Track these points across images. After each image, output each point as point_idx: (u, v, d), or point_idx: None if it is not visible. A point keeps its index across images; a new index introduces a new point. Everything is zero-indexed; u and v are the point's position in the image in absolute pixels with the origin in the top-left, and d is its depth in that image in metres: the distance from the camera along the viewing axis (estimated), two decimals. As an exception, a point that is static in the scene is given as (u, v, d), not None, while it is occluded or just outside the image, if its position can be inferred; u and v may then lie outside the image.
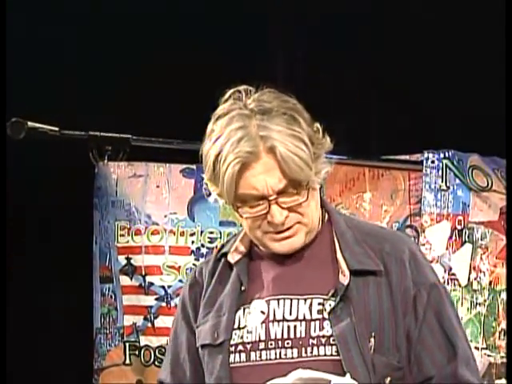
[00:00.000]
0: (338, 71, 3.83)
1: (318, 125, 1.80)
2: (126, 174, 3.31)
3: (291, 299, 1.79)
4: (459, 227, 3.23)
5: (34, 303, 5.08)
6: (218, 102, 1.82)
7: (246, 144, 1.72)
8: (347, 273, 1.77)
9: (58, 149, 3.69)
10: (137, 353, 3.30)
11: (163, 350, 3.25)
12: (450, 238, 3.22)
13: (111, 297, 3.31)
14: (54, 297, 5.13)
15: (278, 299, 1.79)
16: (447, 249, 3.20)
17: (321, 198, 1.85)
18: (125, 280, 3.29)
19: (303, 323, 1.77)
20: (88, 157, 3.46)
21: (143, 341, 3.30)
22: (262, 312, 1.79)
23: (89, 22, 3.93)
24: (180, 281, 3.26)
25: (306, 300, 1.78)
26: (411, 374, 1.76)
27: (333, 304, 1.76)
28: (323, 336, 1.75)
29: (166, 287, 3.27)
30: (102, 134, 3.25)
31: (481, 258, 3.22)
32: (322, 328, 1.75)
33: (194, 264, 3.26)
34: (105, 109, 3.79)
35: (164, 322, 3.27)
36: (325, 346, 1.74)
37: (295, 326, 1.77)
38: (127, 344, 3.31)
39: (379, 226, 2.50)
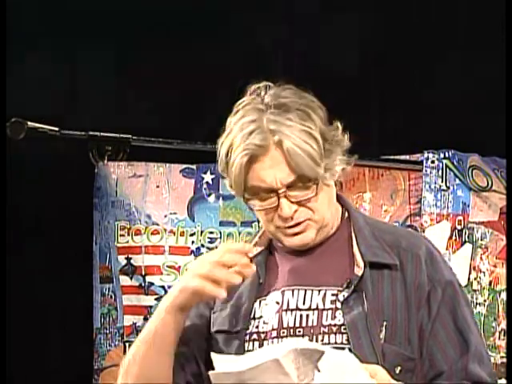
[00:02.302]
0: (337, 70, 3.84)
1: (338, 124, 1.83)
2: (126, 174, 3.30)
3: (305, 290, 1.82)
4: (459, 227, 3.23)
5: (34, 303, 5.07)
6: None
7: (256, 137, 1.76)
8: (362, 264, 1.80)
9: (58, 149, 3.69)
10: (137, 353, 3.30)
11: (163, 349, 3.25)
12: (450, 238, 3.22)
13: (111, 297, 3.31)
14: (54, 297, 5.12)
15: (293, 290, 1.82)
16: (447, 249, 3.20)
17: (340, 195, 1.90)
18: (125, 280, 3.29)
19: (315, 312, 1.79)
20: (88, 157, 3.47)
21: (143, 341, 3.29)
22: (277, 302, 1.83)
23: (89, 21, 3.92)
24: (180, 281, 3.26)
25: (319, 291, 1.81)
26: (422, 369, 1.78)
27: (346, 295, 1.78)
28: (335, 325, 1.77)
29: (166, 287, 3.27)
30: (101, 134, 3.25)
31: (481, 258, 3.22)
32: (333, 317, 1.78)
33: (193, 264, 3.25)
34: (105, 109, 3.79)
35: (164, 321, 3.26)
36: (336, 334, 1.77)
37: (307, 315, 1.80)
38: (127, 344, 3.31)
39: (395, 225, 2.54)
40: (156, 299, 3.27)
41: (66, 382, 3.89)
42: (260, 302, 1.84)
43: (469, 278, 3.20)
